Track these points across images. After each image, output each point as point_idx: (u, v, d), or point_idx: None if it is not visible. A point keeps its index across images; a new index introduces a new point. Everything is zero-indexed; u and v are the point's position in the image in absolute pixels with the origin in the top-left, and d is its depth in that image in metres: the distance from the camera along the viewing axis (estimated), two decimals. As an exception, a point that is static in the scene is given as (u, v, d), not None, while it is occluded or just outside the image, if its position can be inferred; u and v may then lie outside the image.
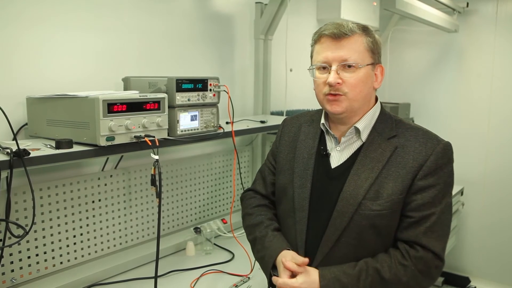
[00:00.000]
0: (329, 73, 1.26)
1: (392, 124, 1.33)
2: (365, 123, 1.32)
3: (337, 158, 1.34)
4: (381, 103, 1.39)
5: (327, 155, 1.35)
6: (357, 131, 1.32)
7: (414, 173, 1.24)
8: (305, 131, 1.44)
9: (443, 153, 1.26)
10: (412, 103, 3.81)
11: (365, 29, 1.29)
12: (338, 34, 1.25)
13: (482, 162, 3.69)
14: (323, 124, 1.39)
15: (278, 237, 1.39)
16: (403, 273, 1.22)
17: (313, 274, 1.25)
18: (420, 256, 1.23)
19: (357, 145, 1.33)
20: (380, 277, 1.22)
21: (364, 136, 1.32)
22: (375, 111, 1.34)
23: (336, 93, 1.26)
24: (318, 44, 1.31)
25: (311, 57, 1.36)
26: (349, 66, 1.25)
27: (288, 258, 1.29)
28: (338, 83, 1.25)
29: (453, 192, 3.39)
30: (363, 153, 1.29)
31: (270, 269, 1.34)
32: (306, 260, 1.27)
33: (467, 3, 3.59)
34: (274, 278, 1.30)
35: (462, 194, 3.67)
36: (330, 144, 1.37)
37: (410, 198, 1.25)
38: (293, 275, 1.27)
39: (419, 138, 1.29)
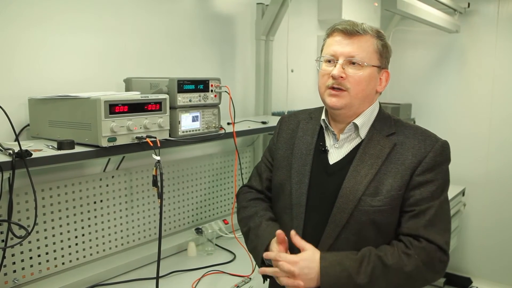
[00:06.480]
0: (335, 66, 1.28)
1: (391, 122, 1.35)
2: (364, 120, 1.33)
3: (335, 154, 1.35)
4: (380, 103, 1.40)
5: (325, 152, 1.36)
6: (356, 127, 1.33)
7: (412, 169, 1.26)
8: (304, 127, 1.45)
9: (441, 151, 1.28)
10: (413, 104, 3.81)
11: (378, 32, 1.31)
12: (351, 30, 1.27)
13: (483, 163, 3.68)
14: (323, 120, 1.39)
15: (272, 225, 1.38)
16: (407, 262, 1.21)
17: (315, 254, 1.24)
18: (423, 247, 1.22)
19: (356, 142, 1.34)
20: (382, 263, 1.21)
21: (363, 133, 1.33)
22: (373, 109, 1.36)
23: (338, 87, 1.28)
24: (330, 38, 1.33)
25: (322, 50, 1.37)
26: (355, 63, 1.27)
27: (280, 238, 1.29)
28: (341, 77, 1.26)
29: (455, 193, 3.42)
30: (362, 149, 1.30)
31: (261, 257, 1.32)
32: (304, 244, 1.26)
33: (468, 4, 3.59)
34: (266, 253, 1.29)
35: (463, 194, 3.66)
36: (328, 140, 1.38)
37: (408, 193, 1.26)
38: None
39: (417, 135, 1.30)
